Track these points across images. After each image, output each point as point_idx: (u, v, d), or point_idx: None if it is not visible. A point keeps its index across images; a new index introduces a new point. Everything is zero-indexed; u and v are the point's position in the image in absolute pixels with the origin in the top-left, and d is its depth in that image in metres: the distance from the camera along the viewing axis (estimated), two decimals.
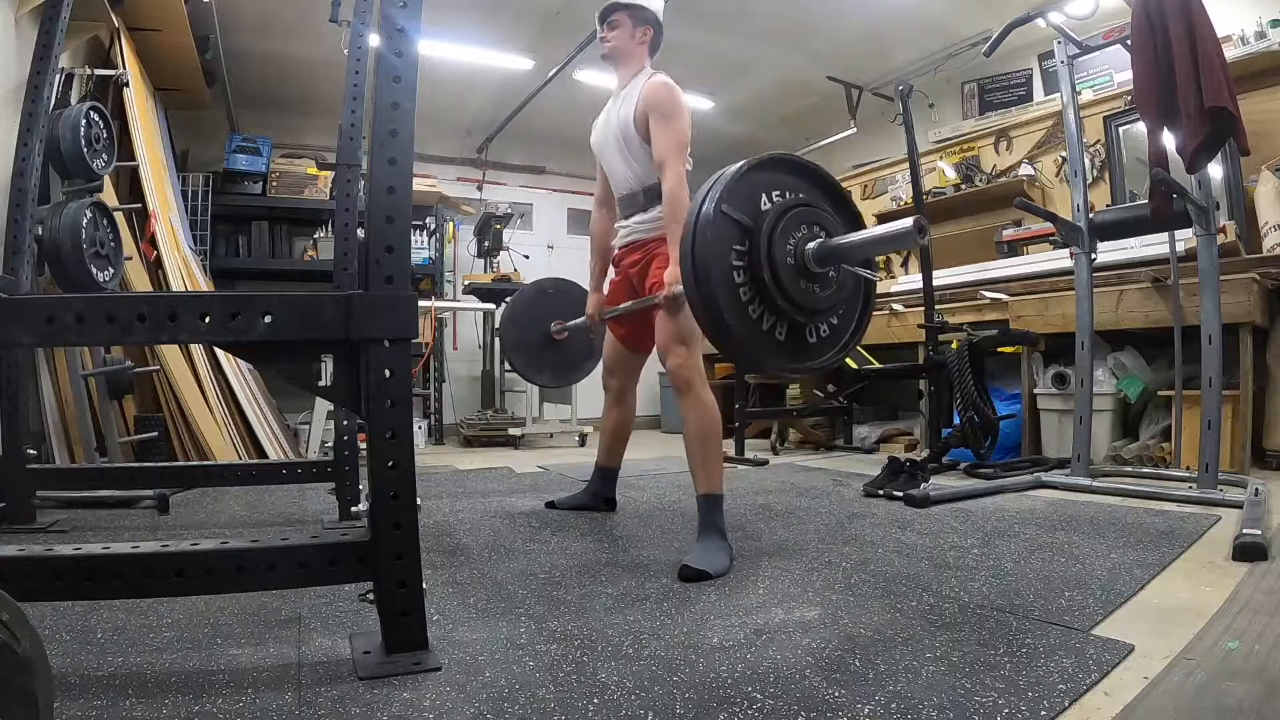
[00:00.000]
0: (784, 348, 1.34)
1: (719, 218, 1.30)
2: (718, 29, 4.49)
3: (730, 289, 1.30)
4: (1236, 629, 1.25)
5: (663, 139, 2.06)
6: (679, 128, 2.06)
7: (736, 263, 1.31)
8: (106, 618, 1.35)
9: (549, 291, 2.85)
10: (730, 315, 1.28)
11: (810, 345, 1.37)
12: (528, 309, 2.82)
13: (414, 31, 1.18)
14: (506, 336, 2.83)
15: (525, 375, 2.82)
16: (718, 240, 1.29)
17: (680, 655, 1.19)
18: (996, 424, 3.23)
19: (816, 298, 1.34)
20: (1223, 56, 2.17)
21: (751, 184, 1.34)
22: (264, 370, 3.35)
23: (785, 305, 1.32)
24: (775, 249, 1.31)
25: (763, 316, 1.32)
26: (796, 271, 1.32)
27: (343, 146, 2.34)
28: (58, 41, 2.29)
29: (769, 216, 1.34)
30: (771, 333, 1.33)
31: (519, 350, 2.83)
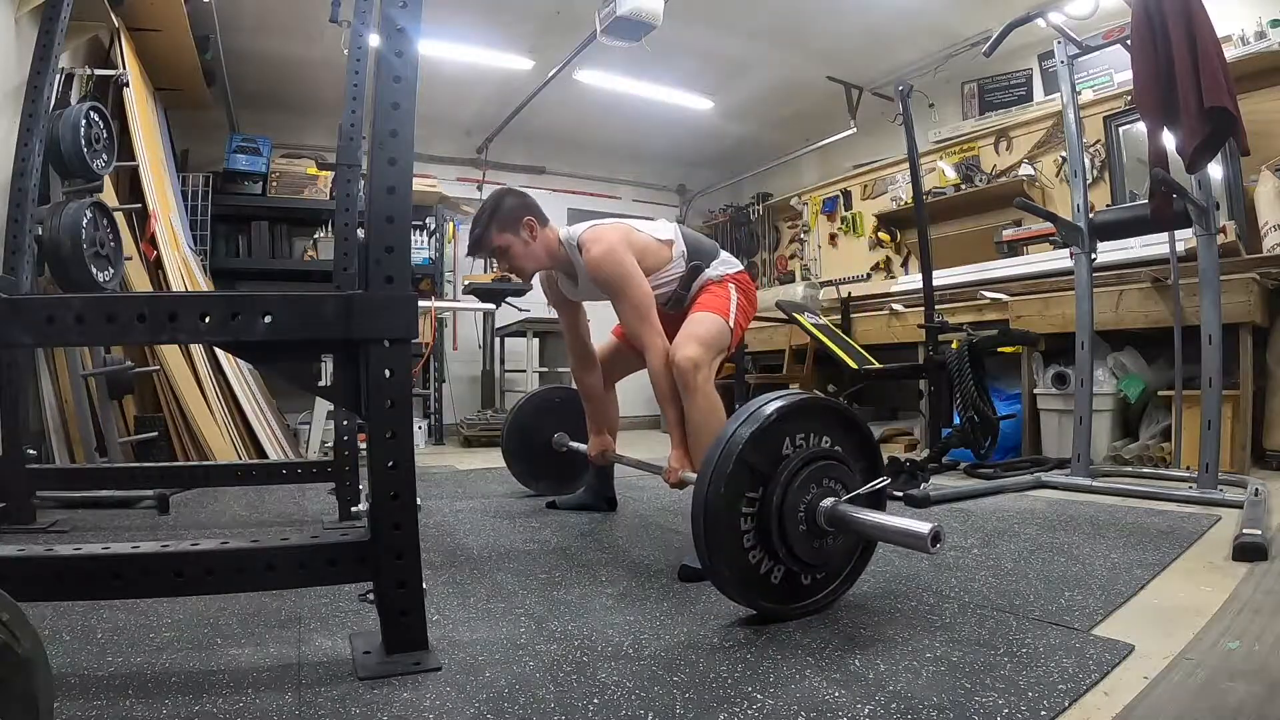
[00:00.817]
0: (775, 589, 1.35)
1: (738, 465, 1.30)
2: (718, 29, 4.50)
3: (735, 529, 1.31)
4: (1236, 629, 1.25)
5: (625, 317, 2.02)
6: (633, 297, 1.97)
7: (746, 509, 1.32)
8: (106, 618, 1.35)
9: (555, 401, 2.83)
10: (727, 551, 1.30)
11: (802, 588, 1.37)
12: (532, 416, 2.80)
13: (414, 31, 1.18)
14: (510, 443, 2.82)
15: (524, 483, 2.82)
16: (733, 483, 1.30)
17: (680, 655, 1.19)
18: (996, 424, 3.23)
19: (819, 553, 1.35)
20: (1223, 56, 2.17)
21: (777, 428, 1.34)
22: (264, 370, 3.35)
23: (785, 556, 1.32)
24: (787, 503, 1.31)
25: (761, 562, 1.34)
26: (806, 531, 1.33)
27: (343, 146, 2.34)
28: (58, 41, 2.29)
29: (787, 469, 1.33)
30: (767, 577, 1.34)
31: (519, 458, 2.82)
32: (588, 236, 2.05)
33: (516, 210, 2.05)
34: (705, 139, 6.36)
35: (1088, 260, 2.76)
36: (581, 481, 2.63)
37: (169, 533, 2.18)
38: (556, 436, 2.76)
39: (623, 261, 1.98)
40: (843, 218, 6.01)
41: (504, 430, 2.86)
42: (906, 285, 4.50)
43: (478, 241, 2.06)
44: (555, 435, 2.77)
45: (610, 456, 2.41)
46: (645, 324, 1.97)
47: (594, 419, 2.42)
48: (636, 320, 1.98)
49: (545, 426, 2.79)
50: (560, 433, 2.77)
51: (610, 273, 1.97)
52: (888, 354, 4.19)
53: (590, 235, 2.05)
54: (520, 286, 5.36)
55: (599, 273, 2.00)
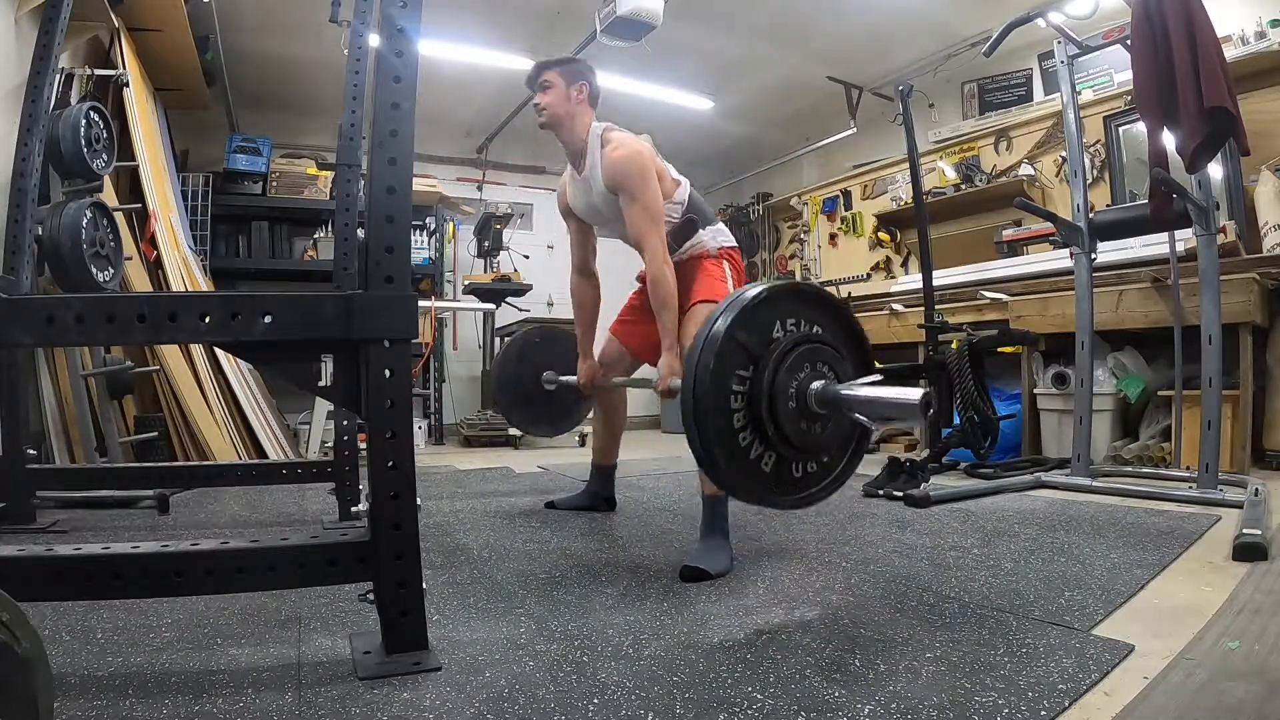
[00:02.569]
0: (767, 479, 1.32)
1: (728, 342, 1.27)
2: (718, 29, 4.50)
3: (725, 413, 1.28)
4: (1236, 629, 1.25)
5: (634, 218, 2.00)
6: (647, 199, 1.98)
7: (737, 388, 1.29)
8: (106, 618, 1.35)
9: (536, 341, 2.79)
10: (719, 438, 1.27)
11: (795, 479, 1.34)
12: (516, 368, 2.75)
13: (414, 31, 1.18)
14: (501, 397, 2.79)
15: (525, 430, 2.78)
16: (722, 363, 1.27)
17: (680, 655, 1.19)
18: (996, 424, 3.23)
19: (810, 437, 1.32)
20: (1223, 56, 2.17)
21: (768, 311, 1.32)
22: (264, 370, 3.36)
23: (777, 439, 1.29)
24: (778, 383, 1.29)
25: (752, 445, 1.30)
26: (796, 410, 1.30)
27: (343, 146, 2.34)
28: (58, 41, 2.29)
29: (777, 349, 1.31)
30: (758, 462, 1.31)
31: (513, 408, 2.78)
32: (614, 135, 2.07)
33: (582, 73, 2.14)
34: (705, 139, 6.36)
35: (1088, 260, 2.76)
36: (578, 416, 2.59)
37: (169, 533, 2.18)
38: (545, 375, 2.72)
39: (645, 164, 2.00)
40: (843, 218, 6.01)
41: (495, 387, 2.80)
42: (906, 285, 4.50)
43: (540, 68, 2.14)
44: (544, 374, 2.72)
45: (600, 382, 2.37)
46: (654, 227, 1.98)
47: (584, 342, 2.40)
48: (646, 222, 1.98)
49: (531, 369, 2.74)
50: (548, 370, 2.72)
51: (630, 172, 1.99)
52: (888, 354, 4.19)
53: (616, 136, 2.07)
54: (521, 286, 5.37)
55: (618, 170, 2.00)
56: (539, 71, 2.14)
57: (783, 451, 1.31)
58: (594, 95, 2.16)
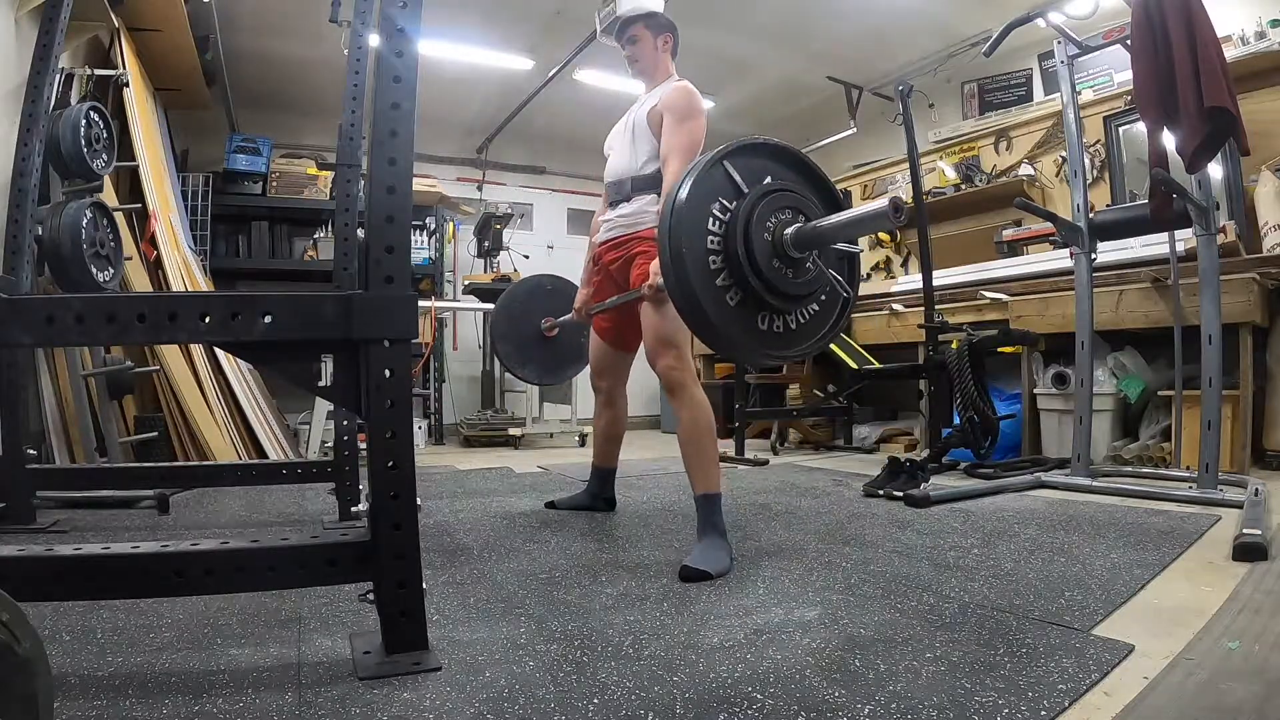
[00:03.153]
0: (764, 335, 1.31)
1: (695, 200, 1.28)
2: (718, 29, 4.49)
3: (705, 272, 1.27)
4: (1236, 629, 1.25)
5: (673, 138, 2.06)
6: (692, 128, 2.06)
7: (713, 245, 1.29)
8: (106, 618, 1.35)
9: (547, 288, 2.84)
10: (705, 298, 1.26)
11: (789, 333, 1.33)
12: (524, 301, 2.82)
13: (414, 31, 1.18)
14: (497, 324, 2.84)
15: (509, 366, 2.81)
16: (693, 222, 1.27)
17: (680, 655, 1.19)
18: (996, 424, 3.23)
19: (793, 283, 1.32)
20: (1223, 56, 2.17)
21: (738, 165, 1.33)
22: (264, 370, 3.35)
23: (761, 289, 1.28)
24: (752, 232, 1.29)
25: (740, 301, 1.30)
26: (773, 255, 1.30)
27: (343, 146, 2.34)
28: (58, 41, 2.29)
29: (747, 200, 1.32)
30: (750, 317, 1.30)
31: (507, 339, 2.82)
32: (686, 83, 2.16)
33: (666, 25, 2.25)
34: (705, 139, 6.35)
35: (1088, 260, 2.76)
36: (568, 371, 2.63)
37: (169, 533, 2.18)
38: (544, 321, 2.77)
39: (700, 106, 2.11)
40: None
41: (494, 311, 2.85)
42: (906, 285, 4.50)
43: (625, 25, 2.24)
44: (543, 319, 2.78)
45: (592, 308, 2.39)
46: (685, 152, 2.02)
47: (587, 268, 2.45)
48: (682, 147, 2.03)
49: (535, 311, 2.79)
50: (547, 317, 2.77)
51: (689, 103, 2.09)
52: (888, 354, 4.20)
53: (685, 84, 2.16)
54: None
55: (679, 96, 2.09)
56: (625, 26, 2.24)
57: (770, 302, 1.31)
58: (675, 47, 2.29)
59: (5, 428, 2.15)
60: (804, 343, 1.37)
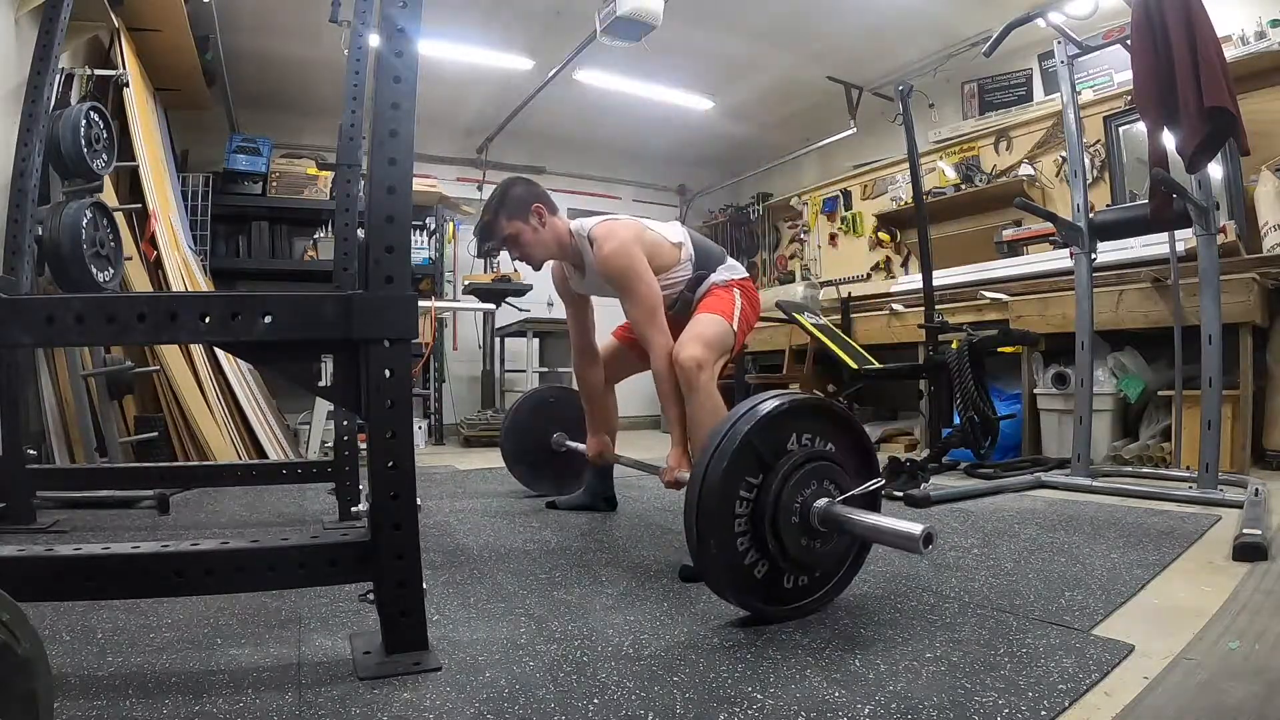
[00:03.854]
0: (757, 585, 1.34)
1: (744, 450, 1.30)
2: (718, 29, 4.50)
3: (728, 518, 1.30)
4: (1236, 629, 1.25)
5: (632, 315, 2.01)
6: (642, 295, 1.97)
7: (744, 494, 1.32)
8: (106, 618, 1.35)
9: (550, 400, 2.85)
10: (717, 540, 1.29)
11: (785, 590, 1.37)
12: (529, 419, 2.81)
13: (414, 31, 1.18)
14: (506, 447, 2.83)
15: (527, 484, 2.83)
16: (733, 469, 1.29)
17: (680, 655, 1.19)
18: (996, 424, 3.23)
19: (808, 553, 1.34)
20: (1222, 56, 2.17)
21: (764, 439, 1.34)
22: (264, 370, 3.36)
23: (775, 551, 1.32)
24: (784, 498, 1.31)
25: (748, 551, 1.33)
26: (798, 527, 1.32)
27: (343, 146, 2.34)
28: (58, 41, 2.29)
29: (786, 464, 1.33)
30: (750, 568, 1.34)
31: (520, 461, 2.83)
32: (600, 231, 2.04)
33: (525, 198, 2.04)
34: (705, 139, 6.36)
35: (1088, 260, 2.76)
36: (583, 479, 2.64)
37: (169, 533, 2.18)
38: (555, 437, 2.77)
39: (634, 258, 1.97)
40: (843, 218, 6.01)
41: (502, 433, 2.87)
42: (906, 285, 4.50)
43: (486, 228, 2.05)
44: (554, 435, 2.77)
45: (608, 456, 2.41)
46: (652, 324, 1.97)
47: (593, 418, 2.41)
48: (644, 319, 1.98)
49: (542, 427, 2.80)
50: (559, 433, 2.77)
51: (620, 269, 1.97)
52: (888, 354, 4.19)
53: (603, 230, 2.04)
54: (521, 286, 5.37)
55: (609, 268, 1.99)
56: (488, 227, 2.04)
57: (779, 564, 1.34)
58: (549, 207, 2.08)
59: (5, 428, 2.15)
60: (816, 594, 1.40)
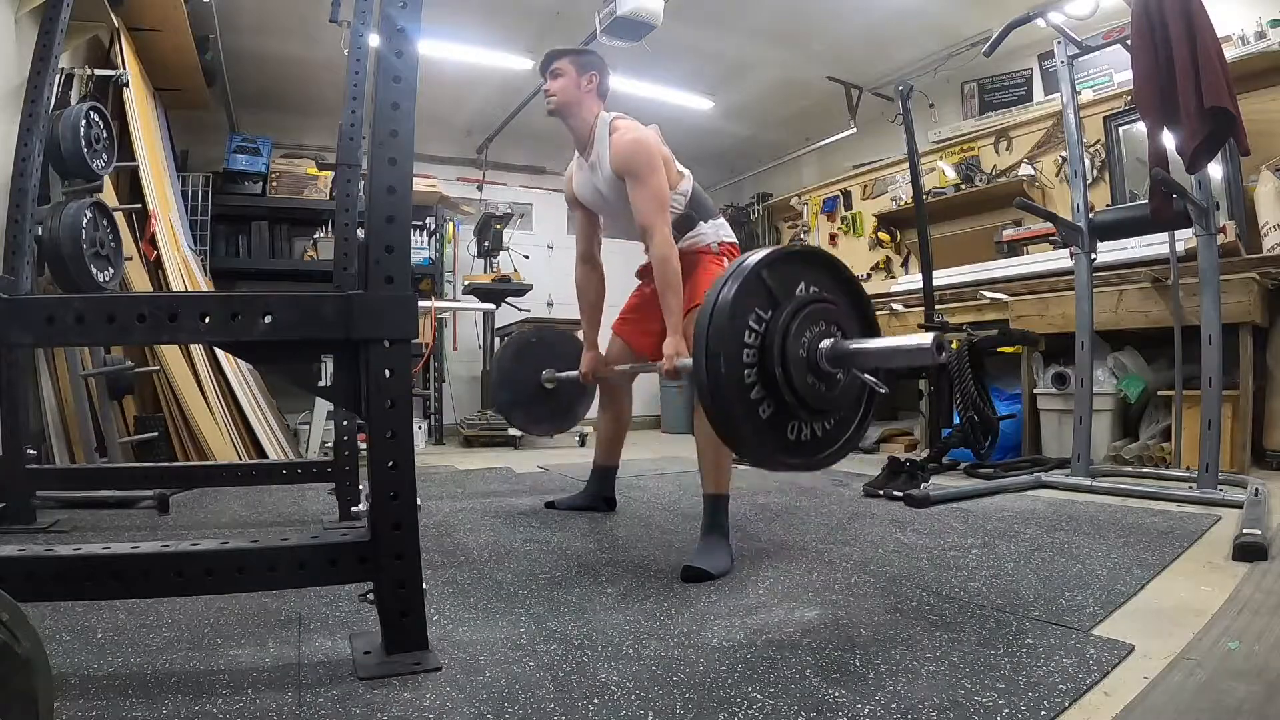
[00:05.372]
0: (782, 441, 1.33)
1: (738, 305, 1.29)
2: (718, 29, 4.49)
3: (738, 376, 1.29)
4: (1237, 629, 1.25)
5: (641, 203, 2.00)
6: (654, 185, 2.00)
7: (749, 358, 1.30)
8: (106, 618, 1.35)
9: (533, 341, 2.79)
10: (733, 401, 1.27)
11: (805, 443, 1.35)
12: (514, 367, 2.75)
13: (414, 31, 1.18)
14: (500, 397, 2.78)
15: (524, 429, 2.78)
16: (734, 326, 1.28)
17: (680, 655, 1.19)
18: (996, 424, 3.23)
19: (822, 396, 1.33)
20: (1222, 56, 2.17)
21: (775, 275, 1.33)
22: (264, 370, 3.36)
23: (791, 399, 1.30)
24: (789, 342, 1.30)
25: (765, 406, 1.31)
26: (806, 367, 1.31)
27: (343, 146, 2.34)
28: (58, 41, 2.29)
29: (787, 310, 1.32)
30: (770, 423, 1.32)
31: (515, 409, 2.78)
32: (621, 123, 2.10)
33: (594, 64, 2.16)
34: (705, 139, 6.35)
35: (1088, 260, 2.76)
36: (579, 413, 2.60)
37: (169, 533, 2.18)
38: (545, 374, 2.71)
39: (652, 150, 2.03)
40: (843, 218, 6.01)
41: (493, 387, 2.78)
42: (906, 285, 4.50)
43: (552, 56, 2.16)
44: (543, 373, 2.71)
45: (601, 371, 2.36)
46: (660, 212, 1.99)
47: (588, 331, 2.39)
48: (652, 207, 1.99)
49: (531, 367, 2.73)
50: (547, 370, 2.71)
51: (638, 158, 2.01)
52: None
53: (624, 124, 2.10)
54: (521, 286, 5.37)
55: (625, 155, 2.02)
56: (551, 59, 2.16)
57: (797, 412, 1.32)
58: (603, 88, 2.18)
59: (5, 428, 2.15)
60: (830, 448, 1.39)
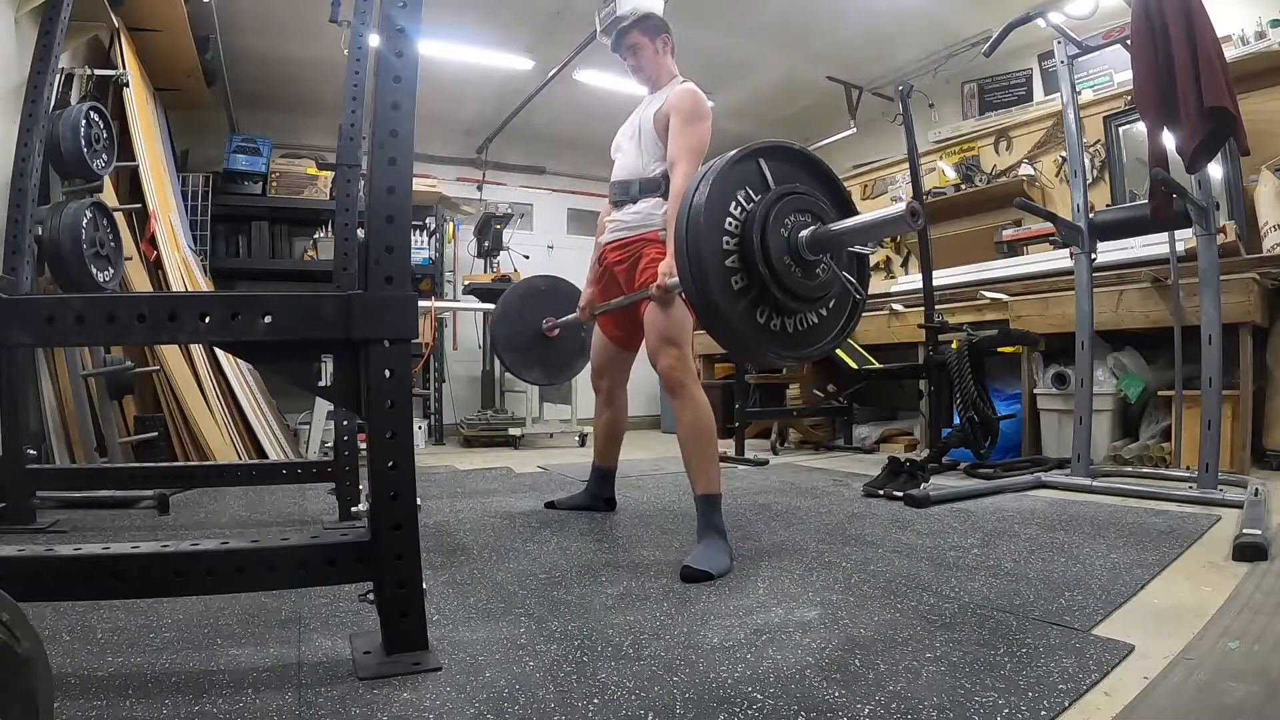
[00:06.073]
0: (775, 335, 1.33)
1: (713, 202, 1.29)
2: (718, 29, 4.49)
3: (722, 273, 1.29)
4: (1236, 629, 1.25)
5: (680, 140, 2.07)
6: (698, 131, 2.07)
7: (729, 246, 1.30)
8: (106, 618, 1.35)
9: (540, 289, 2.84)
10: (722, 299, 1.27)
11: (800, 334, 1.35)
12: (519, 305, 2.81)
13: (414, 31, 1.18)
14: (497, 333, 2.83)
15: (515, 372, 2.81)
16: (711, 224, 1.29)
17: (680, 655, 1.19)
18: (996, 424, 3.23)
19: (808, 285, 1.33)
20: (1222, 56, 2.17)
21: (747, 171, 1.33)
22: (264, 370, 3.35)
23: (777, 291, 1.30)
24: (769, 234, 1.30)
25: (754, 302, 1.31)
26: (786, 253, 1.32)
27: (343, 146, 2.34)
28: (58, 41, 2.29)
29: (763, 202, 1.33)
30: (765, 320, 1.32)
31: (509, 347, 2.82)
32: (687, 85, 2.17)
33: (661, 26, 2.23)
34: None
35: (1088, 260, 2.76)
36: (573, 367, 2.62)
37: (169, 533, 2.18)
38: (545, 321, 2.76)
39: (705, 110, 2.12)
40: None
41: (493, 320, 2.82)
42: (906, 285, 4.50)
43: (621, 34, 2.22)
44: (543, 320, 2.76)
45: (598, 307, 2.38)
46: (692, 155, 2.04)
47: (594, 270, 2.44)
48: (690, 144, 2.05)
49: (532, 313, 2.78)
50: (547, 316, 2.76)
51: (697, 105, 2.10)
52: (888, 354, 4.20)
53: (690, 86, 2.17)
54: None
55: (685, 99, 2.10)
56: (624, 33, 2.21)
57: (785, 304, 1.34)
58: (673, 45, 2.28)
59: (5, 428, 2.15)
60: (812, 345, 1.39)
